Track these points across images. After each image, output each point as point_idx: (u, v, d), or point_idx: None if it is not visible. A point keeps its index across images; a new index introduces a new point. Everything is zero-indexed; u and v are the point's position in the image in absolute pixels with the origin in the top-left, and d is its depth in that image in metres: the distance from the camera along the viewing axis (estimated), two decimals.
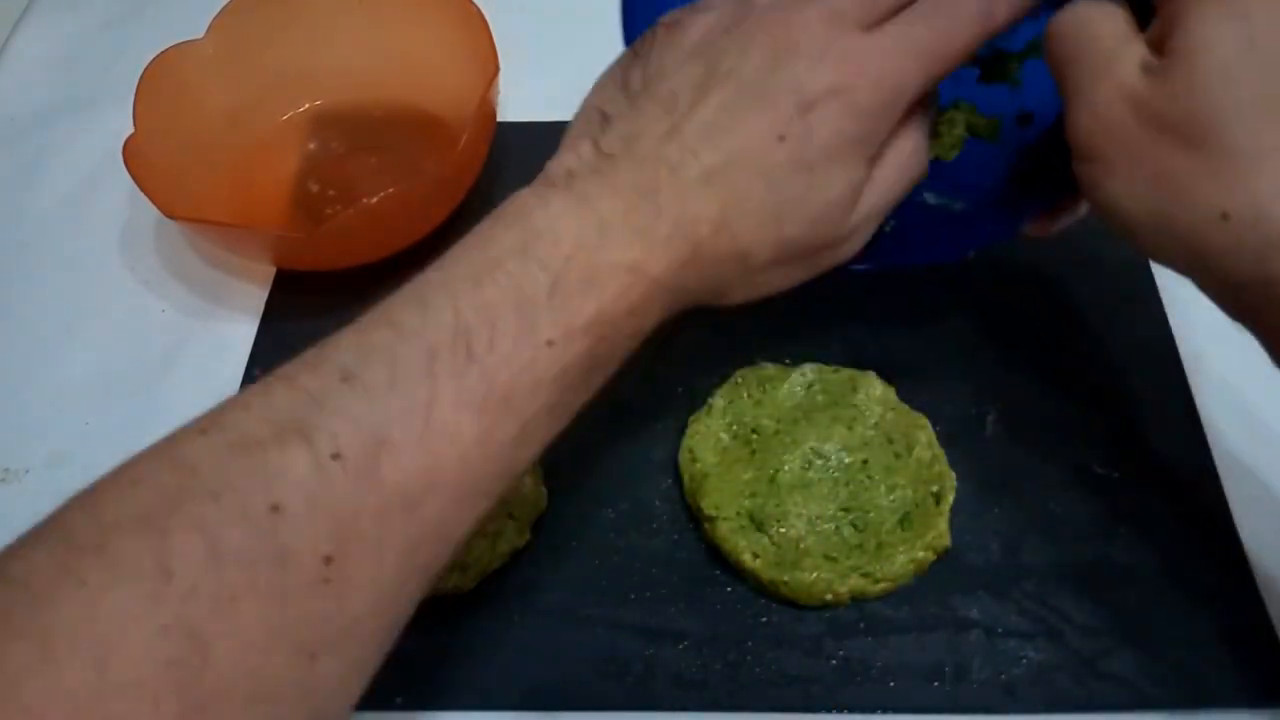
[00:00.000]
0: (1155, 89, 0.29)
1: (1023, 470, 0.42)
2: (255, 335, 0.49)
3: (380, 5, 0.55)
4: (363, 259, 0.49)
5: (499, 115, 0.52)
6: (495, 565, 0.40)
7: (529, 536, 0.41)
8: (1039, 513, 0.41)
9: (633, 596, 0.40)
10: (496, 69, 0.50)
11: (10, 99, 0.61)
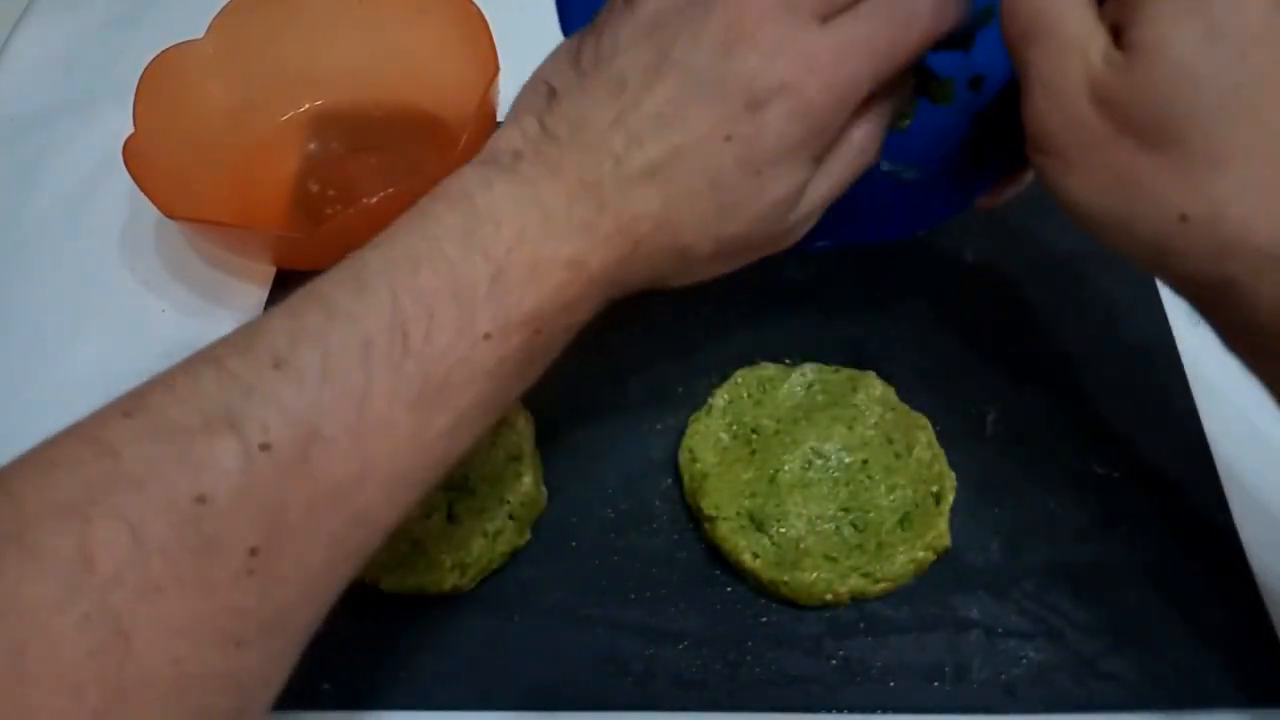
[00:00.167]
0: (1118, 85, 0.29)
1: (1023, 470, 0.42)
2: None
3: (380, 5, 0.55)
4: None
5: (499, 115, 0.52)
6: (495, 565, 0.40)
7: (529, 536, 0.41)
8: (1039, 513, 0.41)
9: (633, 596, 0.40)
10: (496, 69, 0.50)
11: (10, 99, 0.61)
